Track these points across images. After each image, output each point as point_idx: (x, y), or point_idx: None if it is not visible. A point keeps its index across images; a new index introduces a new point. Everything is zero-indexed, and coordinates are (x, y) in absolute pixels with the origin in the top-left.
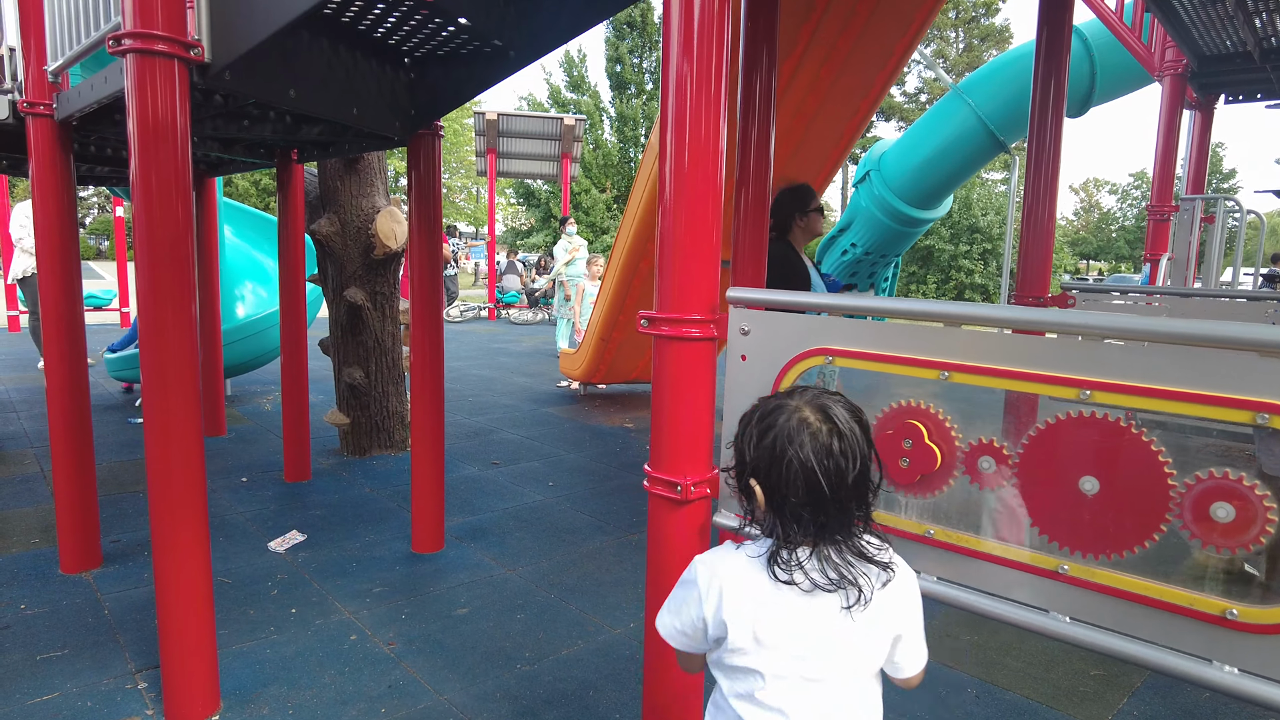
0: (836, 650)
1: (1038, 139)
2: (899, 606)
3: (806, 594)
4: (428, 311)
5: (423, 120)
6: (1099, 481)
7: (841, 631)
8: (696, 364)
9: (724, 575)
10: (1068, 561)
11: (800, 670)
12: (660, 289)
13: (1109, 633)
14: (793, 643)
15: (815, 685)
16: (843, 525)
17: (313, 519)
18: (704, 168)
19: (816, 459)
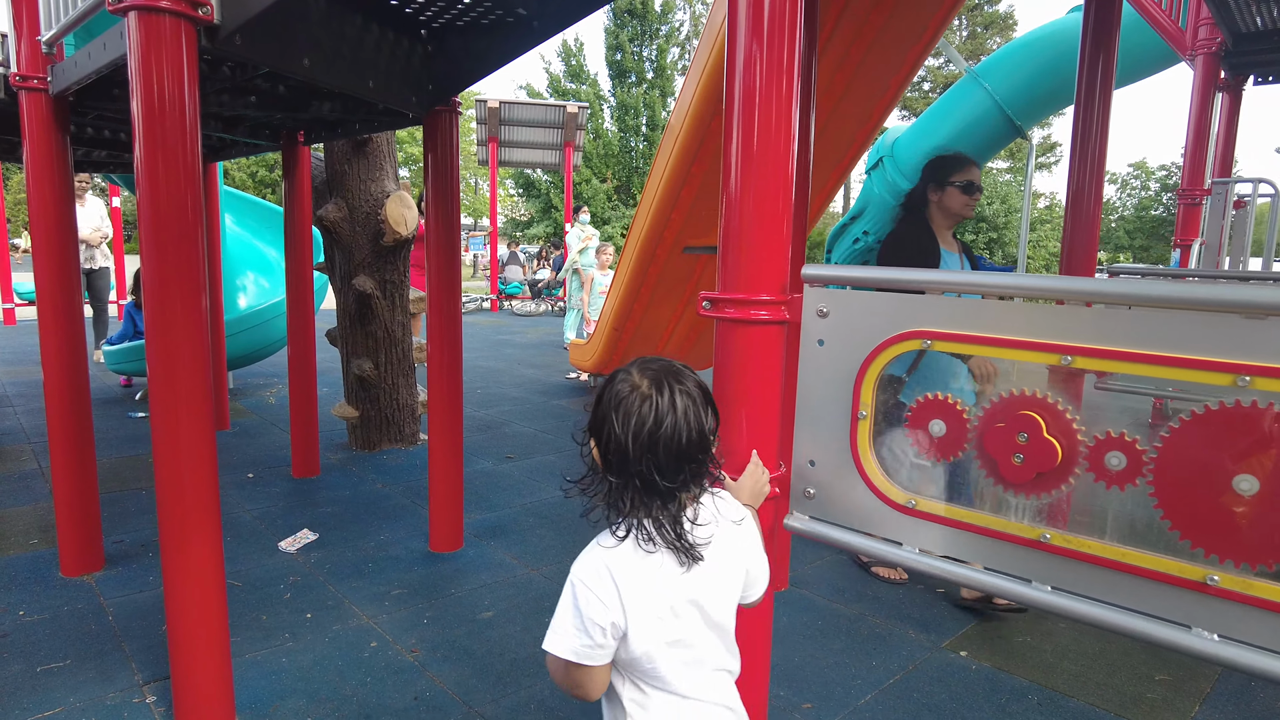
0: (705, 600)
1: (1084, 120)
2: (743, 547)
3: (672, 560)
4: (446, 299)
5: (441, 96)
6: (1259, 480)
7: (709, 587)
8: (765, 350)
9: (614, 569)
10: (1217, 571)
11: (684, 634)
12: (724, 268)
13: (1268, 653)
14: (675, 609)
15: (703, 643)
16: (678, 490)
17: (324, 517)
18: (774, 136)
19: (637, 428)
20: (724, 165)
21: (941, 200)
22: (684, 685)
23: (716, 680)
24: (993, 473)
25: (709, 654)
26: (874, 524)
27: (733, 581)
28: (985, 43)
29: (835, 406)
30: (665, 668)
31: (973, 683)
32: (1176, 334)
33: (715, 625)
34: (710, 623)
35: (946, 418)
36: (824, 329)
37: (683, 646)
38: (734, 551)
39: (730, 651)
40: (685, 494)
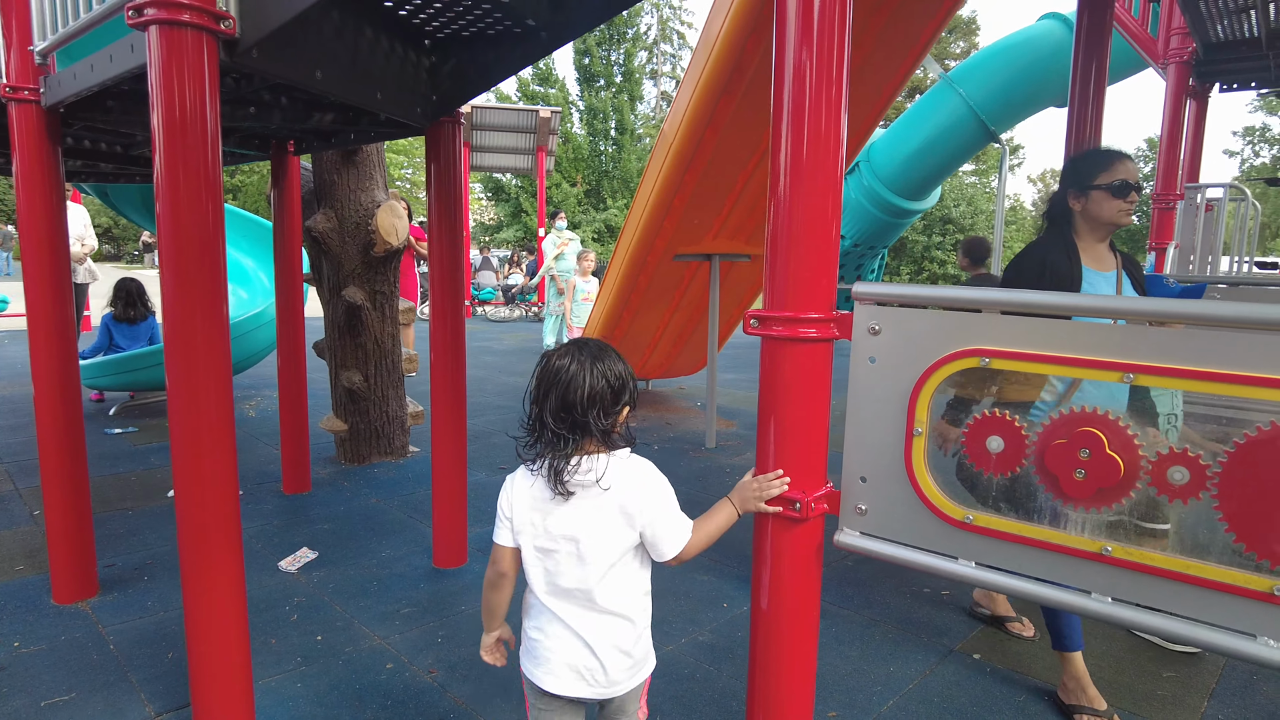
0: (583, 534)
1: (1078, 123)
2: (633, 501)
3: (554, 492)
4: (450, 310)
5: (445, 106)
6: None
7: (585, 525)
8: (813, 367)
9: (511, 486)
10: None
11: (559, 548)
12: (771, 286)
13: None
14: (549, 526)
15: (570, 570)
16: (567, 439)
17: (321, 534)
18: (823, 155)
19: (544, 383)
20: (772, 179)
21: (1086, 208)
22: (547, 597)
23: (577, 607)
24: (1053, 488)
25: (573, 581)
26: (929, 539)
27: (611, 528)
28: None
29: (888, 423)
30: (533, 572)
31: (989, 686)
32: (1240, 352)
33: (585, 559)
34: (580, 554)
35: (1005, 434)
36: (876, 346)
37: (550, 560)
38: (617, 504)
39: (604, 589)
40: (574, 442)
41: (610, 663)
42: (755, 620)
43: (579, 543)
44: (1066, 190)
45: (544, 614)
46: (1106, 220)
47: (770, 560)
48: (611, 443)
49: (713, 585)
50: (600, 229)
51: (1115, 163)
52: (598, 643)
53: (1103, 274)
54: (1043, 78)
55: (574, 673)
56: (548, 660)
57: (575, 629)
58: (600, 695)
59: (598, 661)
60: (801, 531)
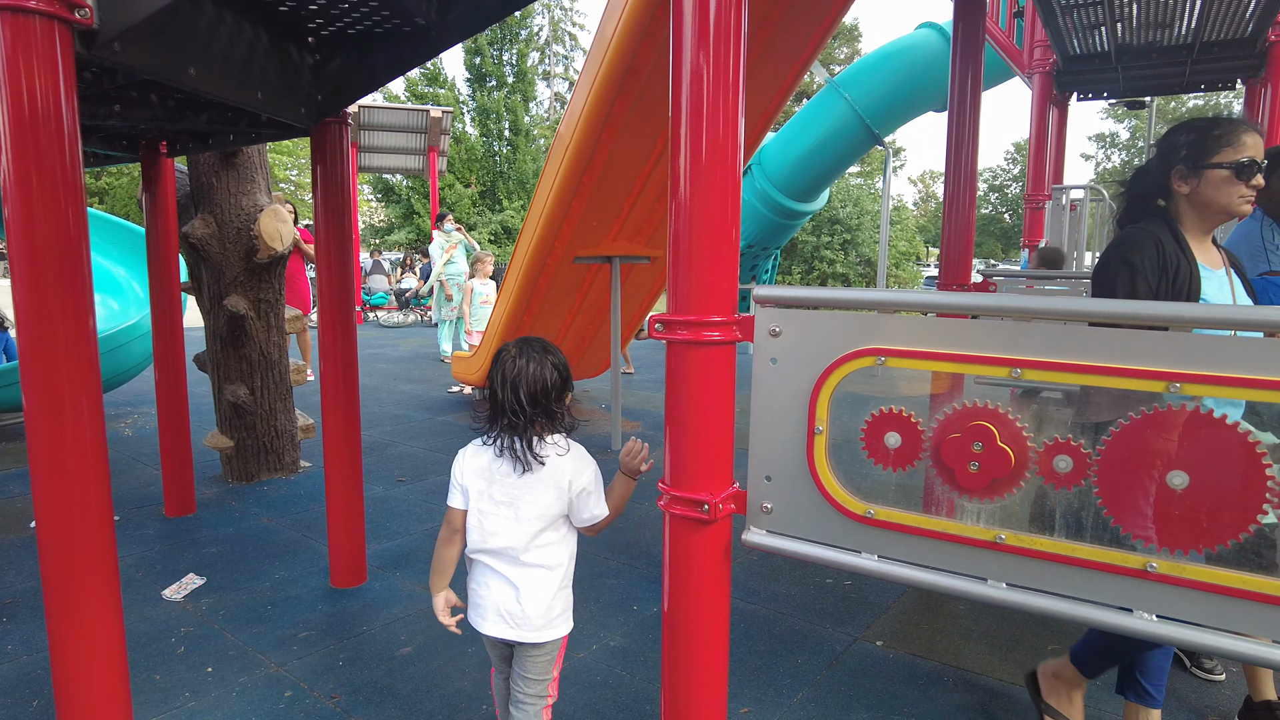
0: (521, 499)
1: (957, 128)
2: (566, 475)
3: (501, 462)
4: (340, 317)
5: (331, 107)
6: (1188, 475)
7: (529, 493)
8: (718, 370)
9: (463, 457)
10: (1155, 559)
11: (498, 512)
12: (674, 290)
13: (1200, 628)
14: (493, 493)
15: (506, 529)
16: (527, 422)
17: (209, 558)
18: (722, 158)
19: (505, 377)
20: (672, 183)
21: (1198, 191)
22: (482, 554)
23: (507, 562)
24: (949, 480)
25: (506, 540)
26: (833, 535)
27: (550, 497)
28: (832, 52)
29: (790, 423)
30: (474, 533)
31: (893, 671)
32: (1117, 347)
33: (520, 521)
34: (517, 517)
35: (902, 430)
36: (777, 348)
37: (489, 521)
38: (553, 478)
39: (535, 546)
40: (536, 425)
41: (531, 608)
42: (667, 623)
43: (517, 508)
44: (1169, 168)
45: (481, 569)
46: (1222, 208)
47: (680, 563)
48: (556, 424)
49: (622, 588)
50: (497, 230)
51: (1241, 135)
52: (523, 588)
53: (1216, 273)
54: (921, 83)
55: (499, 616)
56: (482, 607)
57: (507, 577)
58: (521, 638)
59: (519, 606)
60: (709, 533)
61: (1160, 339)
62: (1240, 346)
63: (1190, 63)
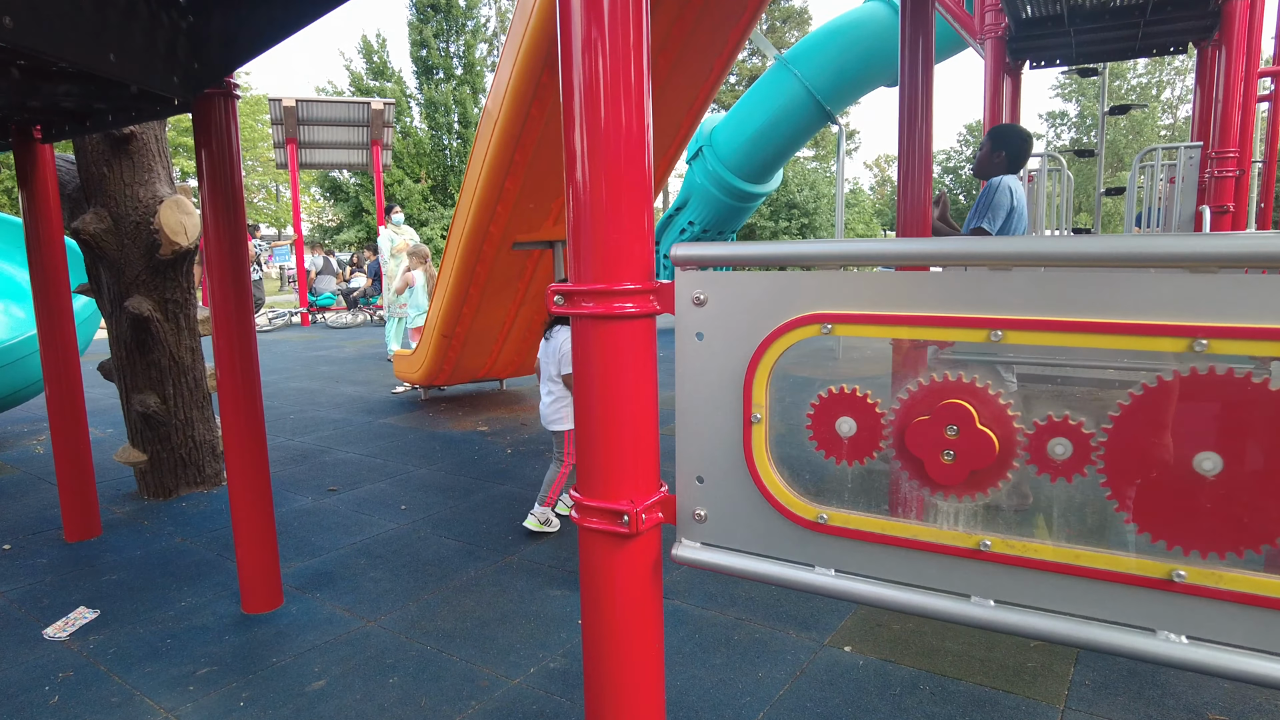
0: (546, 359)
1: (909, 100)
2: (560, 347)
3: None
4: (234, 317)
5: (211, 76)
6: (1222, 458)
7: (548, 352)
8: (633, 349)
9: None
10: (1183, 565)
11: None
12: (577, 257)
13: (1245, 653)
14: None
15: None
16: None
17: (107, 587)
18: (627, 95)
19: None
20: (566, 129)
21: None
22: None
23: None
24: (918, 474)
25: (547, 372)
26: (779, 546)
27: (554, 353)
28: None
29: (723, 410)
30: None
31: (863, 681)
32: (1124, 294)
33: (551, 362)
34: (549, 358)
35: (856, 414)
36: (703, 319)
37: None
38: (556, 345)
39: (554, 379)
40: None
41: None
42: (588, 655)
43: (548, 358)
44: None
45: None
46: None
47: (598, 588)
48: None
49: (565, 601)
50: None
51: None
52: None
53: None
54: (872, 57)
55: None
56: None
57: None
58: (549, 426)
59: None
60: (633, 549)
61: (1181, 283)
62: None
63: (1143, 24)
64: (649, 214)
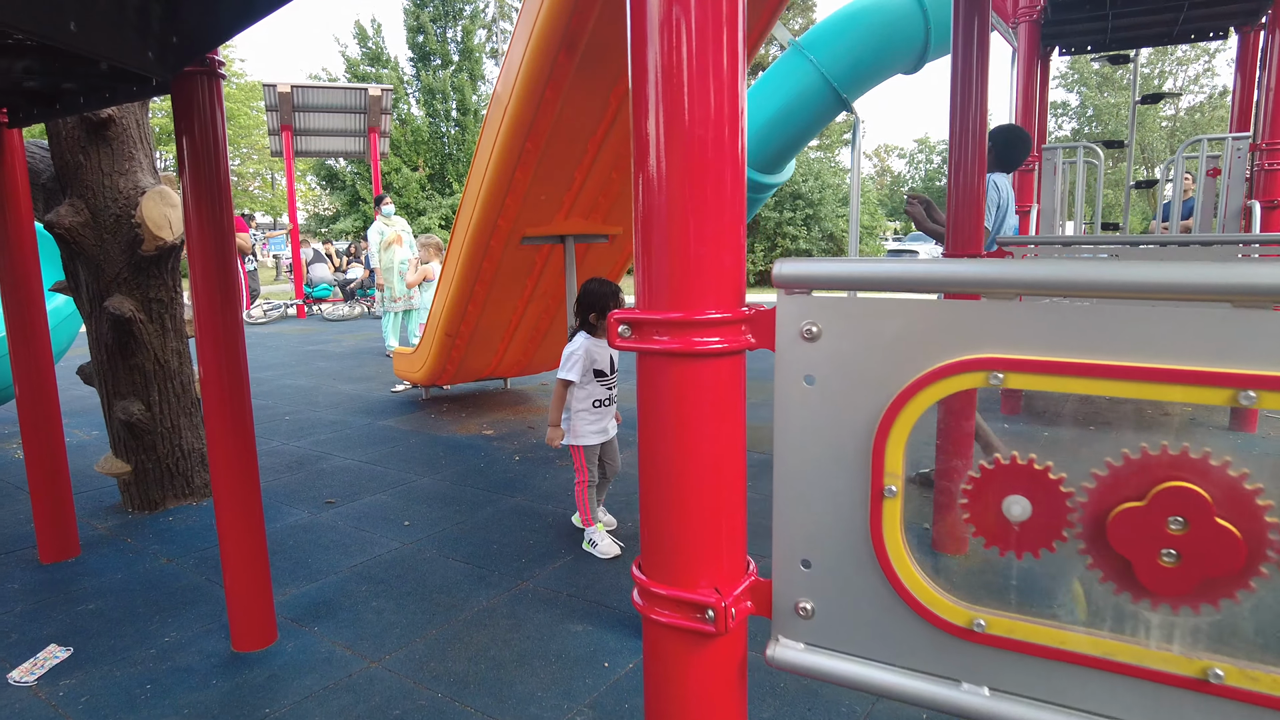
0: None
1: (962, 87)
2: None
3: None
4: (218, 316)
5: (190, 51)
6: None
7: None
8: (721, 393)
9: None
10: None
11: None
12: (647, 275)
13: None
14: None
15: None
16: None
17: (83, 619)
18: (717, 73)
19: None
20: (636, 115)
21: None
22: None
23: None
24: (1123, 578)
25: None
26: (914, 655)
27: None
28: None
29: (841, 477)
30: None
31: None
32: None
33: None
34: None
35: (1033, 492)
36: (815, 358)
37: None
38: None
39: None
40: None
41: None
42: None
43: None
44: None
45: None
46: None
47: (673, 694)
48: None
49: (588, 639)
50: (448, 214)
51: None
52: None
53: None
54: (890, 43)
55: None
56: None
57: None
58: None
59: None
60: (717, 649)
61: None
62: None
63: (1186, 8)
64: (741, 222)
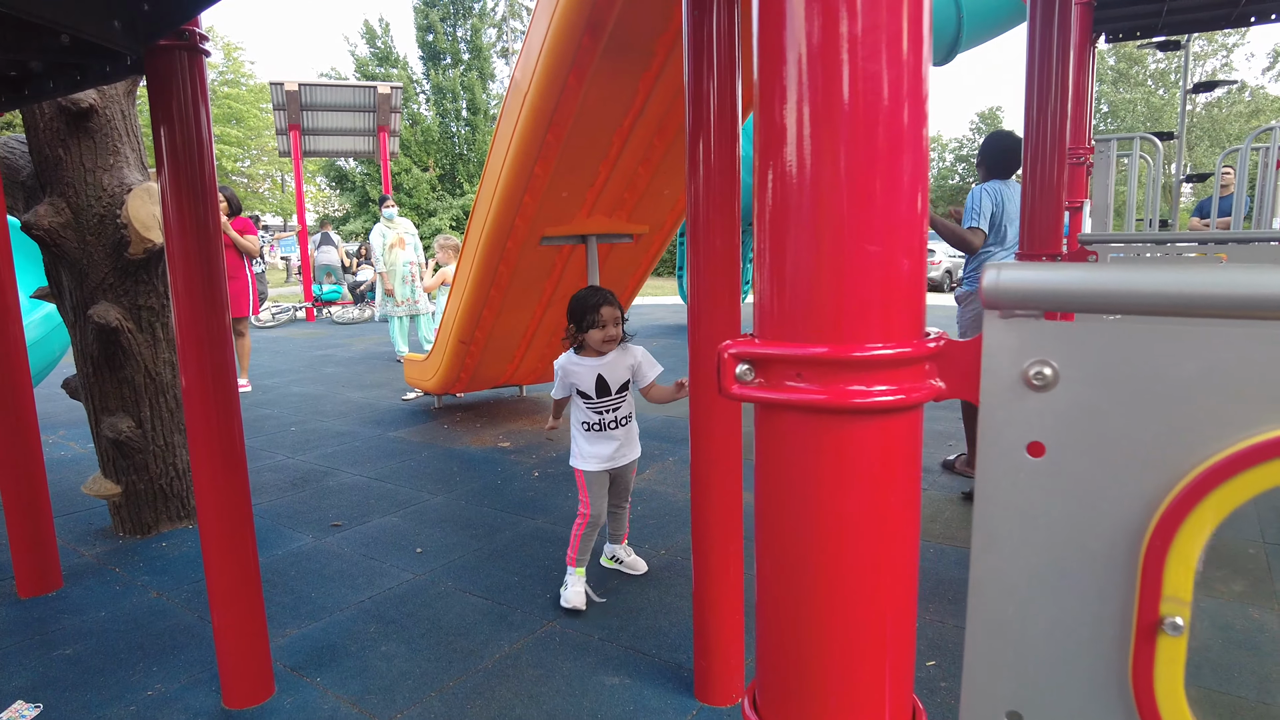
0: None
1: (1040, 74)
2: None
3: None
4: (205, 325)
5: (165, 21)
6: None
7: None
8: (888, 468)
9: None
10: None
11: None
12: (777, 290)
13: None
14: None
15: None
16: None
17: (57, 668)
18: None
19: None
20: (761, 119)
21: None
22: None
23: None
24: None
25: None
26: None
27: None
28: None
29: (1081, 599)
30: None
31: None
32: None
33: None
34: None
35: None
36: (1047, 417)
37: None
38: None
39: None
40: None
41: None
42: None
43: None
44: None
45: None
46: None
47: None
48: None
49: (627, 695)
50: (459, 215)
51: None
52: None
53: None
54: None
55: None
56: None
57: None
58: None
59: None
60: None
61: None
62: None
63: None
64: (922, 216)
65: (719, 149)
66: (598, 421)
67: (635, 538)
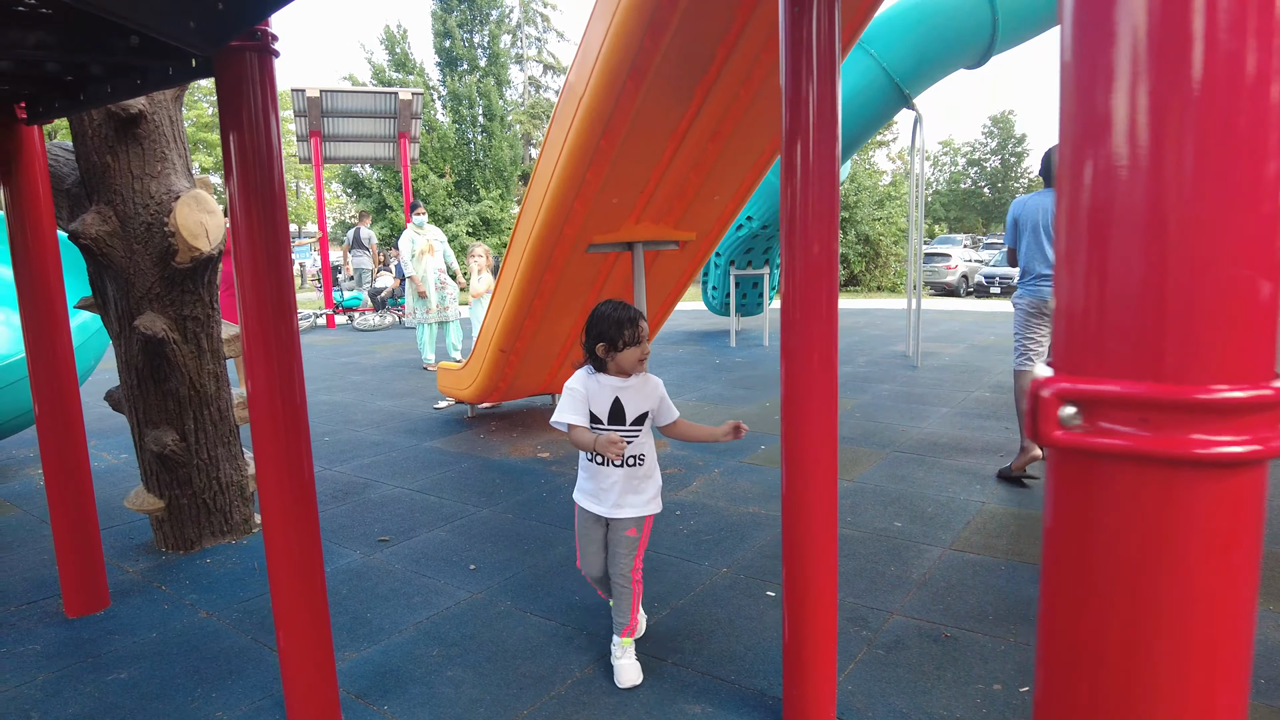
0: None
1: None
2: (653, 391)
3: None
4: (274, 333)
5: (241, 20)
6: None
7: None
8: (1229, 535)
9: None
10: None
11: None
12: (1084, 312)
13: None
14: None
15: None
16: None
17: (113, 693)
18: None
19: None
20: (1076, 31)
21: None
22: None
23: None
24: None
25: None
26: None
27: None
28: None
29: None
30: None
31: None
32: None
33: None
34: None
35: None
36: None
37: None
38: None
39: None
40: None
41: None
42: None
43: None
44: None
45: None
46: None
47: None
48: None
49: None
50: (475, 222)
51: None
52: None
53: None
54: (955, 35)
55: None
56: None
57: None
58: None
59: None
60: None
61: None
62: None
63: None
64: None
65: (819, 153)
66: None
67: (691, 554)
